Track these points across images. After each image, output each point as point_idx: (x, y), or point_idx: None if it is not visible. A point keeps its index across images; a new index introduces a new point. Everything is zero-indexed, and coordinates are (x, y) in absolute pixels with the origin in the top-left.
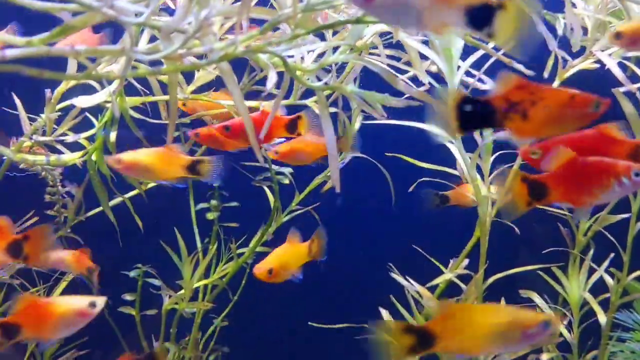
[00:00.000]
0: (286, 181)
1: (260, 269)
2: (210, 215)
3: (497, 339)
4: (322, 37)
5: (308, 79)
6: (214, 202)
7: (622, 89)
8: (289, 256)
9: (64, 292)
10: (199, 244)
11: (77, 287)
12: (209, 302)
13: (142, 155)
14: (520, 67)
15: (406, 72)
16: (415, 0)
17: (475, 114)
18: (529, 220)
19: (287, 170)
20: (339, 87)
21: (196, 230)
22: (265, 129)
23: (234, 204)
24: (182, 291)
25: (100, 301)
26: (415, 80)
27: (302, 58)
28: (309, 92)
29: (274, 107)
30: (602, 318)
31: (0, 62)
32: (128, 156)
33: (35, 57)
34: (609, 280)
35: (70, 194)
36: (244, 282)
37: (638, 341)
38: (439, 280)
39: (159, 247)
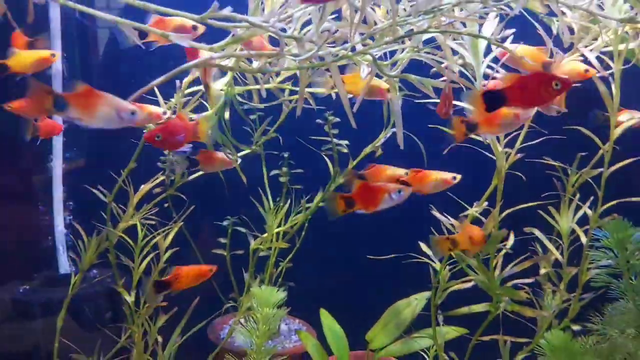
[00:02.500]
0: (345, 150)
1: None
2: (282, 179)
3: None
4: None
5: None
6: (284, 169)
7: (598, 74)
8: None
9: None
10: (270, 203)
11: None
12: (283, 243)
13: None
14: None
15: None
16: None
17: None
18: (533, 175)
19: (344, 142)
20: (406, 76)
21: (268, 192)
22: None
23: (299, 170)
24: (265, 234)
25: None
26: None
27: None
28: None
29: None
30: (583, 239)
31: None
32: None
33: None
34: (589, 212)
35: (177, 162)
36: (303, 233)
37: (606, 246)
38: (467, 212)
39: (244, 203)
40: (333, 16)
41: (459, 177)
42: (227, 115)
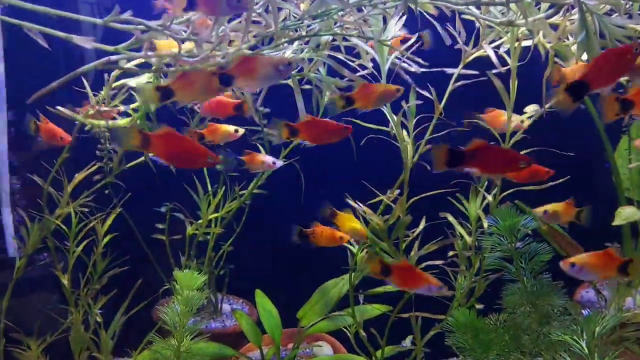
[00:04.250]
0: (276, 141)
1: None
2: (219, 167)
3: None
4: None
5: None
6: (220, 156)
7: (494, 71)
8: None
9: None
10: (210, 189)
11: None
12: (220, 229)
13: None
14: None
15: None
16: None
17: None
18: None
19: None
20: (306, 75)
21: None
22: None
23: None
24: (200, 220)
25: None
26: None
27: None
28: None
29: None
30: (485, 224)
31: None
32: None
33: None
34: (490, 199)
35: (114, 150)
36: (244, 217)
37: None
38: (376, 200)
39: (182, 190)
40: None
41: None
42: (152, 107)
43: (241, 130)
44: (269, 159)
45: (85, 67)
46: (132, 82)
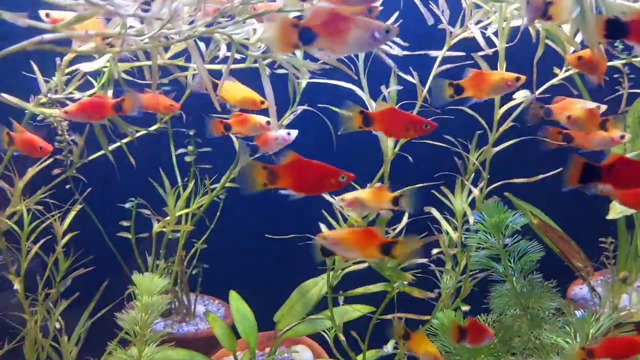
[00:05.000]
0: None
1: None
2: (188, 158)
3: None
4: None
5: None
6: (190, 147)
7: (480, 53)
8: None
9: None
10: (179, 181)
11: None
12: (190, 226)
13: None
14: None
15: None
16: None
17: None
18: (425, 154)
19: None
20: (274, 55)
21: (177, 171)
22: None
23: (207, 149)
24: (168, 217)
25: None
26: None
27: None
28: None
29: (225, 73)
30: (471, 220)
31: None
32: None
33: (61, 39)
34: (477, 193)
35: (74, 141)
36: (218, 213)
37: (485, 229)
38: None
39: (149, 184)
40: None
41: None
42: (110, 93)
43: (273, 123)
44: (282, 132)
45: (13, 47)
46: (85, 66)
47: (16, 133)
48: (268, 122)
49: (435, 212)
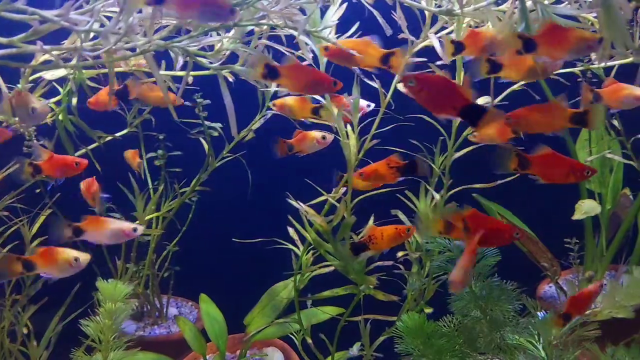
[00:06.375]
0: (216, 134)
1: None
2: (157, 162)
3: None
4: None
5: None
6: (160, 151)
7: (437, 63)
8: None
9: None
10: (150, 184)
11: None
12: (160, 230)
13: None
14: None
15: None
16: None
17: None
18: None
19: (218, 125)
20: (231, 67)
21: (148, 175)
22: None
23: (177, 152)
24: (138, 221)
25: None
26: None
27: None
28: None
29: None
30: None
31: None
32: None
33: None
34: (437, 197)
35: (43, 146)
36: (190, 215)
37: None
38: (320, 199)
39: (118, 188)
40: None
41: None
42: (74, 101)
43: (329, 137)
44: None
45: None
46: (48, 74)
47: (42, 160)
48: (324, 137)
49: (401, 215)
